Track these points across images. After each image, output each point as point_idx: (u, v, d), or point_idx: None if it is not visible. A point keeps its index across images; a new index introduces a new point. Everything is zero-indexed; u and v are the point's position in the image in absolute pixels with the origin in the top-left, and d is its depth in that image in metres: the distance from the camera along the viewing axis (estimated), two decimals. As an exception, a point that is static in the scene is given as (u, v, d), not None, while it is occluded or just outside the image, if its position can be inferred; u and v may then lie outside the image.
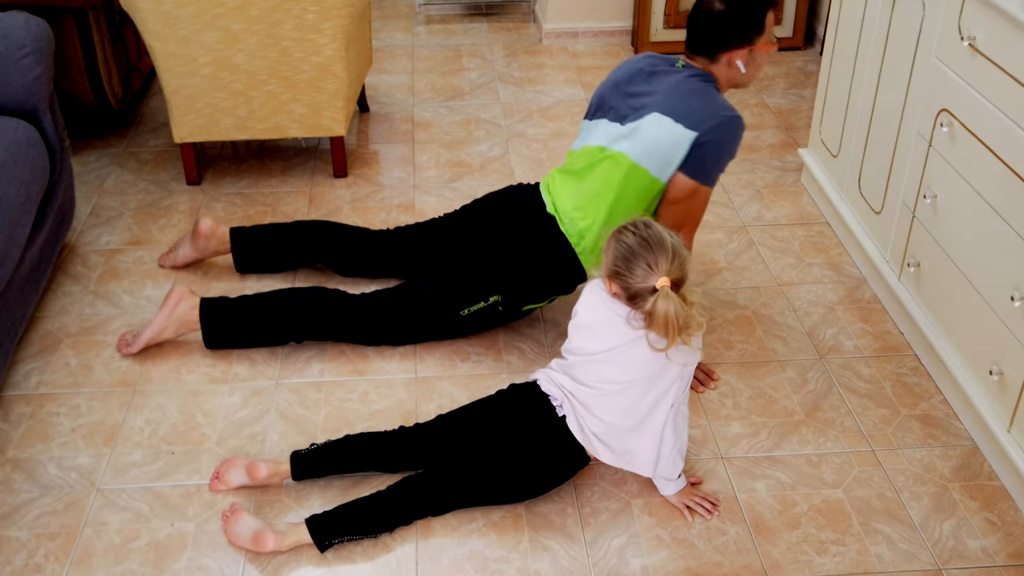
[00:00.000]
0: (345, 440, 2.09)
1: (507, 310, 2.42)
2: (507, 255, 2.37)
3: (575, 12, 4.30)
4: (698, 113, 2.18)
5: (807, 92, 3.88)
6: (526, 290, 2.39)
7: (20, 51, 2.45)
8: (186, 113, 3.04)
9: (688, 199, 2.24)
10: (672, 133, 2.18)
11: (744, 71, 2.26)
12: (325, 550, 1.94)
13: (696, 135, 2.17)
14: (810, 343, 2.53)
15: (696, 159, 2.20)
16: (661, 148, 2.20)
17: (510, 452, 2.01)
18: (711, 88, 2.25)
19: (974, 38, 2.16)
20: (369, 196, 3.16)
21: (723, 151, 2.22)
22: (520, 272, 2.36)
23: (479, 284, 2.38)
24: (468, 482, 2.00)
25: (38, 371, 2.42)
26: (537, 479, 2.03)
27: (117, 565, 1.92)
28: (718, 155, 2.22)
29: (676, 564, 1.94)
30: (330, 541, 1.93)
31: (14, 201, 2.27)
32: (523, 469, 2.00)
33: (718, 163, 2.23)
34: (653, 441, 1.98)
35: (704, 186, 2.23)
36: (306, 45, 2.94)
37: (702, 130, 2.17)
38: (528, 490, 2.04)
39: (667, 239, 1.85)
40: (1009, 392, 2.09)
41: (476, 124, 3.62)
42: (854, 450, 2.21)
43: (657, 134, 2.20)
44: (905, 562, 1.94)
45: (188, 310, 2.42)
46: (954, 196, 2.28)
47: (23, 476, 2.12)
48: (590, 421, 1.98)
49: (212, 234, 2.70)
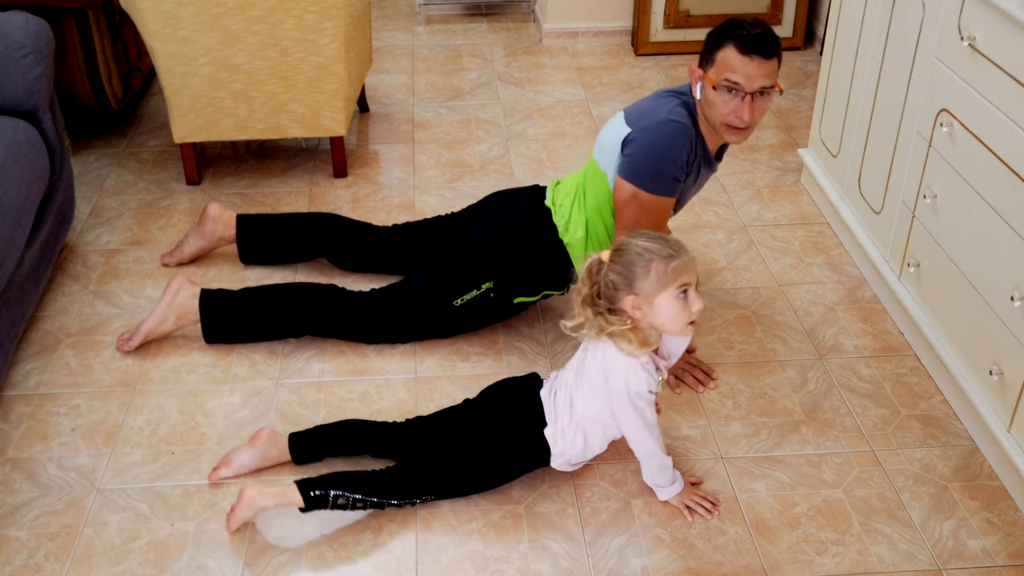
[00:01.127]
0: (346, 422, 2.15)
1: (499, 300, 2.42)
2: (499, 241, 2.39)
3: (575, 12, 4.30)
4: (641, 111, 2.18)
5: (807, 92, 3.88)
6: (517, 278, 2.40)
7: (20, 51, 2.45)
8: (186, 113, 3.04)
9: (629, 205, 2.18)
10: (616, 128, 2.20)
11: (699, 96, 2.16)
12: (311, 506, 1.93)
13: (628, 131, 2.15)
14: (810, 343, 2.53)
15: (627, 158, 2.17)
16: (608, 144, 2.23)
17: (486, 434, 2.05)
18: (673, 99, 2.19)
19: (974, 38, 2.16)
20: (369, 196, 3.16)
21: (653, 151, 2.14)
22: (511, 258, 2.38)
23: (471, 271, 2.40)
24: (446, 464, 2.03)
25: (38, 371, 2.42)
26: (496, 464, 2.05)
27: (117, 565, 1.92)
28: (648, 155, 2.14)
29: (676, 564, 1.94)
30: (315, 492, 1.93)
31: (14, 201, 2.27)
32: (488, 452, 2.04)
33: (650, 165, 2.14)
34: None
35: (644, 192, 2.16)
36: (306, 45, 2.94)
37: (634, 126, 2.15)
38: (487, 474, 2.06)
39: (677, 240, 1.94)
40: (1009, 392, 2.08)
41: (476, 124, 3.62)
42: (854, 450, 2.21)
43: (609, 129, 2.24)
44: (905, 562, 1.94)
45: (188, 299, 2.43)
46: (954, 196, 2.28)
47: (23, 476, 2.12)
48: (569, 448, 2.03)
49: (219, 217, 2.72)
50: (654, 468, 2.02)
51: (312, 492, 1.93)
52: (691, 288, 1.88)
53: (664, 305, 1.88)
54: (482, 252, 2.40)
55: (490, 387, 2.17)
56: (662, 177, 2.16)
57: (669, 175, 2.17)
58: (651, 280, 1.86)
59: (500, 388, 2.15)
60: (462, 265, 2.42)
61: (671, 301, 1.87)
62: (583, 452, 2.05)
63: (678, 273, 1.86)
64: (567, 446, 2.02)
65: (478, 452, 2.03)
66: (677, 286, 1.86)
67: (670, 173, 2.17)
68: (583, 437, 2.02)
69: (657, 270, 1.86)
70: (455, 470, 2.03)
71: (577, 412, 2.00)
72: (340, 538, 1.98)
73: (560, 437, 2.02)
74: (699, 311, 1.90)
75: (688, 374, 2.38)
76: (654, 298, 1.87)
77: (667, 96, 2.23)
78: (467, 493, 2.06)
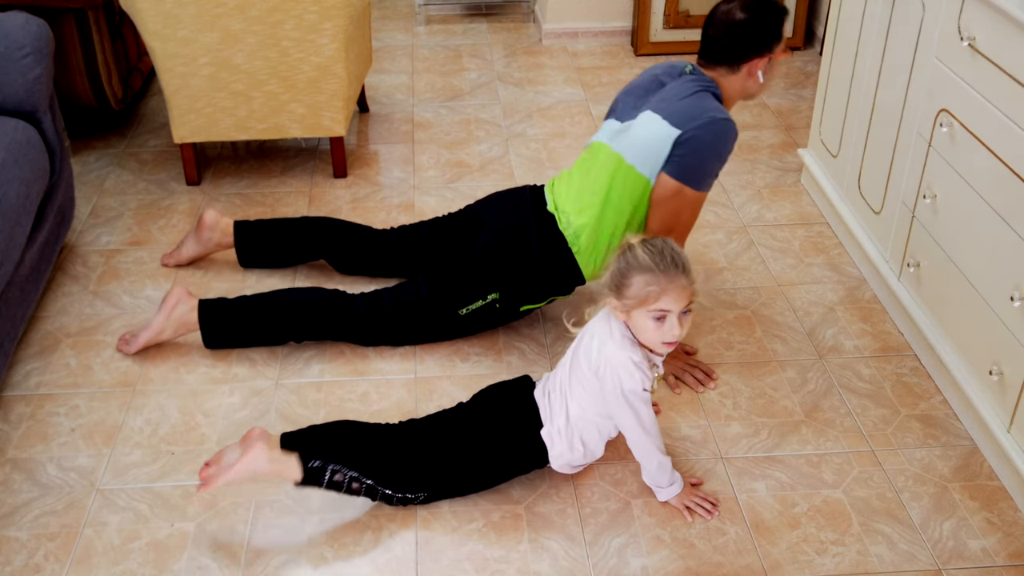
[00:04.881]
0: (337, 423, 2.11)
1: (505, 309, 2.42)
2: (505, 252, 2.38)
3: (575, 12, 4.30)
4: (685, 112, 2.19)
5: (807, 92, 3.88)
6: (524, 289, 2.39)
7: (20, 51, 2.45)
8: (186, 113, 3.04)
9: (672, 200, 2.22)
10: (659, 130, 2.20)
11: (762, 80, 2.28)
12: (307, 480, 1.93)
13: (679, 132, 2.17)
14: (810, 343, 2.53)
15: (678, 158, 2.19)
16: (648, 146, 2.21)
17: (481, 435, 2.03)
18: (707, 94, 2.25)
19: (974, 38, 2.16)
20: (369, 196, 3.16)
21: (706, 151, 2.20)
22: (518, 269, 2.37)
23: (477, 282, 2.39)
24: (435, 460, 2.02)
25: (38, 371, 2.41)
26: (493, 464, 2.04)
27: (117, 565, 1.92)
28: (701, 155, 2.19)
29: (676, 564, 1.94)
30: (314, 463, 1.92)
31: (14, 201, 2.27)
32: (484, 454, 2.03)
33: (702, 164, 2.20)
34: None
35: (689, 188, 2.21)
36: (306, 45, 2.94)
37: (685, 128, 2.17)
38: (484, 475, 2.05)
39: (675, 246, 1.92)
40: (1009, 392, 2.09)
41: (476, 124, 3.62)
42: (854, 450, 2.21)
43: (646, 132, 2.22)
44: (905, 562, 1.94)
45: (186, 312, 2.42)
46: (954, 196, 2.28)
47: (23, 476, 2.12)
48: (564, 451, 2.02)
49: (216, 225, 2.71)
50: (653, 468, 2.02)
51: (312, 463, 1.92)
52: (672, 315, 1.85)
53: (639, 319, 1.88)
54: (488, 263, 2.38)
55: (482, 391, 2.16)
56: (709, 174, 2.24)
57: (715, 172, 2.26)
58: (631, 292, 1.86)
59: (493, 391, 2.14)
60: (468, 275, 2.40)
61: (646, 319, 1.87)
62: (584, 456, 2.05)
63: (657, 297, 1.84)
64: (565, 448, 2.02)
65: (476, 454, 2.03)
66: (653, 308, 1.85)
67: (716, 170, 2.26)
68: (581, 442, 2.02)
69: (637, 285, 1.85)
70: (452, 470, 2.02)
71: (573, 415, 2.00)
72: (340, 538, 1.98)
73: (557, 438, 2.02)
74: (676, 337, 1.88)
75: (688, 374, 2.38)
76: (632, 310, 1.88)
77: (701, 91, 2.24)
78: (464, 493, 2.06)
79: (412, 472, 2.00)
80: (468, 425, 2.06)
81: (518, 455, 2.04)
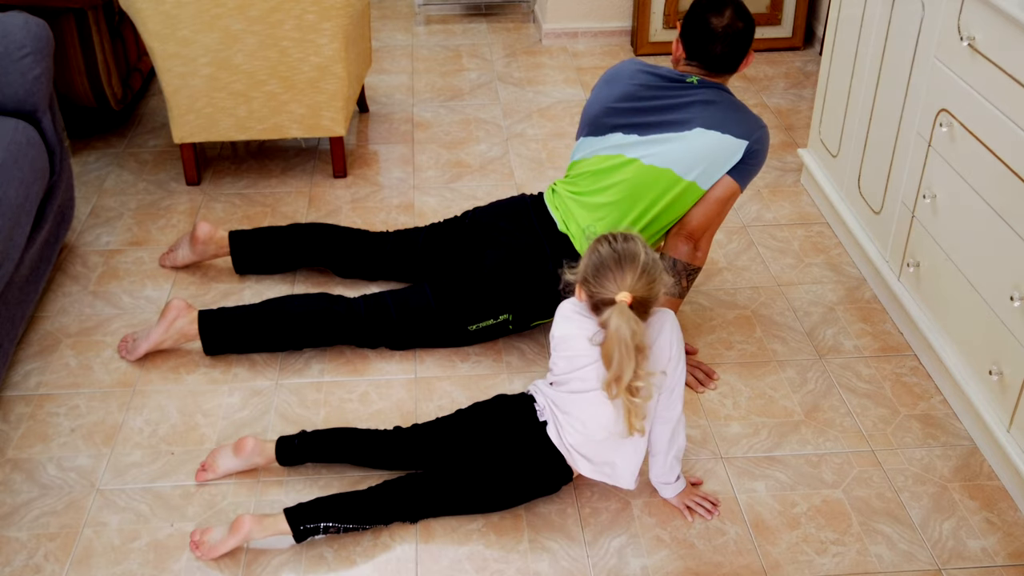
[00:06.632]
0: (334, 431, 2.11)
1: (516, 327, 2.44)
2: (519, 277, 2.37)
3: (575, 12, 4.30)
4: (744, 124, 2.31)
5: (807, 92, 3.88)
6: (537, 309, 2.40)
7: (20, 51, 2.45)
8: (186, 113, 3.04)
9: (727, 200, 2.34)
10: (722, 143, 2.28)
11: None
12: (302, 539, 1.93)
13: (748, 143, 2.29)
14: (810, 343, 2.54)
15: (744, 165, 2.32)
16: (709, 157, 2.28)
17: (494, 461, 2.00)
18: (737, 101, 2.36)
19: (973, 38, 2.16)
20: (369, 196, 3.16)
21: (763, 157, 2.37)
22: (533, 292, 2.37)
23: (489, 303, 2.39)
24: (449, 489, 1.99)
25: (38, 371, 2.42)
26: (517, 490, 2.02)
27: (117, 565, 1.92)
28: (760, 161, 2.36)
29: (676, 564, 1.94)
30: (305, 526, 1.92)
31: (14, 201, 2.27)
32: (504, 479, 2.00)
33: (758, 168, 2.37)
34: (634, 454, 1.96)
35: (741, 189, 2.35)
36: (306, 45, 2.94)
37: (752, 139, 2.30)
38: (508, 500, 2.03)
39: (641, 255, 1.82)
40: (1009, 392, 2.09)
41: (476, 124, 3.63)
42: (854, 450, 2.21)
43: (704, 144, 2.28)
44: (905, 562, 1.94)
45: (186, 325, 2.41)
46: (954, 196, 2.28)
47: (23, 476, 2.12)
48: (568, 432, 1.97)
49: (210, 239, 2.70)
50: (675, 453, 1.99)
51: (302, 526, 1.92)
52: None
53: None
54: (501, 285, 2.38)
55: (483, 405, 2.10)
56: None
57: None
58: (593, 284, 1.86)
59: (496, 410, 2.08)
60: (479, 294, 2.40)
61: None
62: None
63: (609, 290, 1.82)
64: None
65: (496, 484, 2.00)
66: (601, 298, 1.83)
67: None
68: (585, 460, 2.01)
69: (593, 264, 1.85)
70: (470, 497, 2.00)
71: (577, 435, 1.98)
72: (340, 538, 1.98)
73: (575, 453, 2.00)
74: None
75: (688, 374, 2.38)
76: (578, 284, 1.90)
77: (728, 96, 2.35)
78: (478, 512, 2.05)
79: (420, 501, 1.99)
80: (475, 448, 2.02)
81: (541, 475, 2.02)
